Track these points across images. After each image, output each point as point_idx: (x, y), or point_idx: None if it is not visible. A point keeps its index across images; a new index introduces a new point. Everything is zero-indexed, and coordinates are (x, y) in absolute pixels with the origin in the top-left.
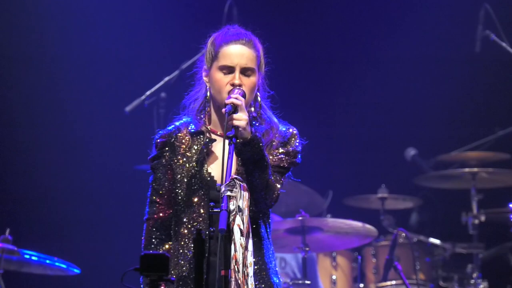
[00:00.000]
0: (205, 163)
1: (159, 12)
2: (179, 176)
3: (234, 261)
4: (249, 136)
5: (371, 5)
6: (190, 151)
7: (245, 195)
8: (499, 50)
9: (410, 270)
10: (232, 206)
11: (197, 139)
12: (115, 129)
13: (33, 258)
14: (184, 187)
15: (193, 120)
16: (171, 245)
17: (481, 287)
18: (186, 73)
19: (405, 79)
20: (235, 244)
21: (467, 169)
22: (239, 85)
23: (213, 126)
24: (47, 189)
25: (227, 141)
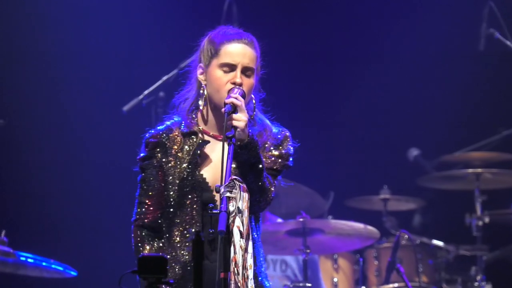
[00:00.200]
0: (198, 165)
1: (157, 10)
2: (170, 177)
3: (233, 263)
4: (246, 138)
5: (373, 4)
6: (182, 152)
7: (245, 196)
8: (504, 48)
9: (412, 272)
10: (231, 207)
11: (189, 140)
12: (113, 129)
13: (29, 260)
14: (175, 188)
15: (184, 120)
16: (163, 245)
17: None
18: (184, 72)
19: (407, 78)
20: (234, 246)
21: (471, 170)
22: (240, 84)
23: (207, 126)
24: (43, 190)
25: (225, 141)
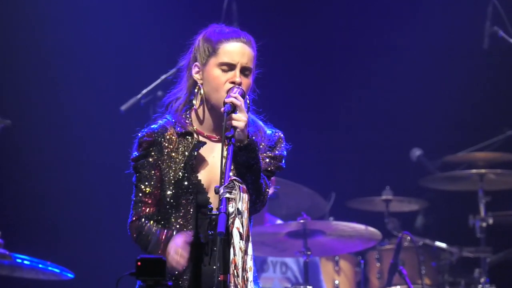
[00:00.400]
0: (194, 166)
1: (155, 9)
2: (166, 178)
3: (233, 265)
4: (245, 139)
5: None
6: (176, 152)
7: (245, 197)
8: (508, 47)
9: (415, 274)
10: (231, 208)
11: (184, 140)
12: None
13: (25, 262)
14: (171, 189)
15: (178, 119)
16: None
17: None
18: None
19: (410, 77)
20: (234, 248)
21: (474, 170)
22: (240, 83)
23: (201, 127)
24: (39, 191)
25: (224, 142)
